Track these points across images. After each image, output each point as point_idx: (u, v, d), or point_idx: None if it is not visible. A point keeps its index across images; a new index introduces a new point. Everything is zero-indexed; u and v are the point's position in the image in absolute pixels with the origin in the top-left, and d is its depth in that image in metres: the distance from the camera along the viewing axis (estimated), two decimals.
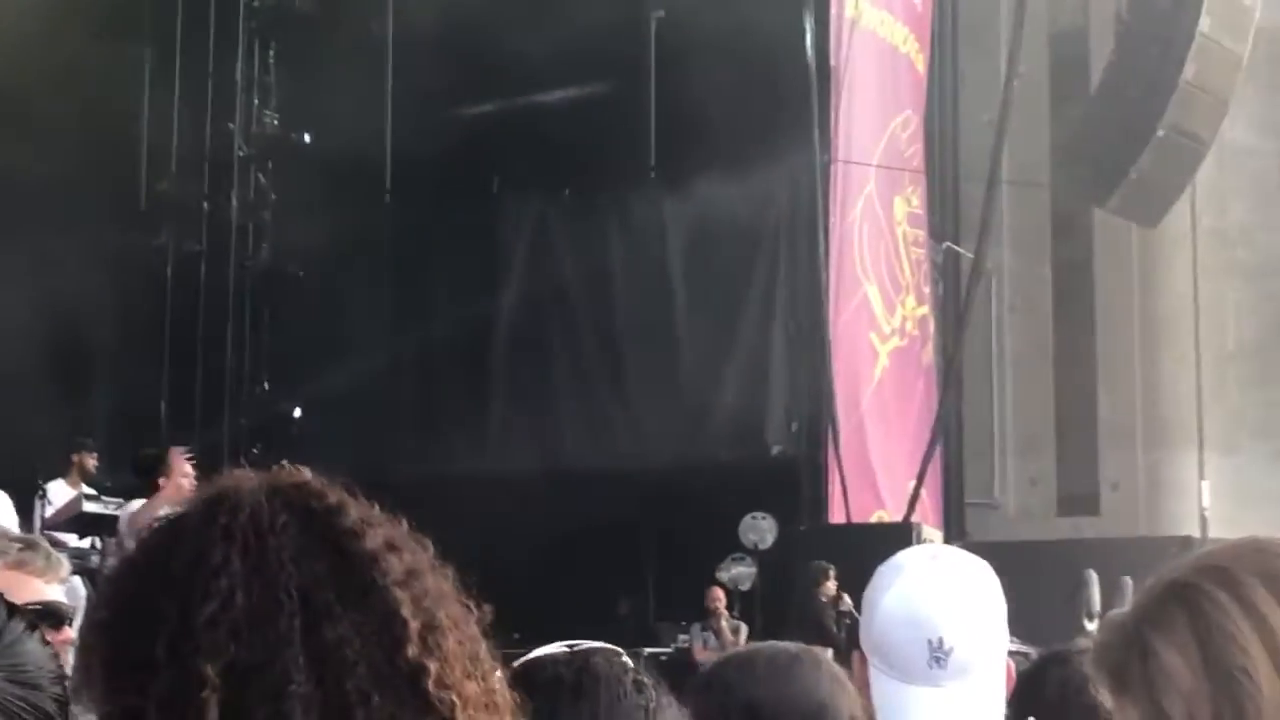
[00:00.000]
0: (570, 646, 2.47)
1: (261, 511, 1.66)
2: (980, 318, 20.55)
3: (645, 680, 2.42)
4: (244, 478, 1.72)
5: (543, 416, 18.38)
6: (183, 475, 11.86)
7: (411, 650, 1.64)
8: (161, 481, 12.15)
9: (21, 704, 1.71)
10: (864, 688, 2.85)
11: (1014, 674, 2.93)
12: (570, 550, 15.89)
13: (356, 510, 1.70)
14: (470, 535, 4.37)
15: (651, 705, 2.39)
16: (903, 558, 2.92)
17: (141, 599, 1.63)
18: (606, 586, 17.23)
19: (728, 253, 18.20)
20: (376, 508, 1.73)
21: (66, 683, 1.74)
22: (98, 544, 12.57)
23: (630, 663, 2.47)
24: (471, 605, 1.74)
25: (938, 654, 2.76)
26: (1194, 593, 1.50)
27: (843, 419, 17.77)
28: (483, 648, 1.72)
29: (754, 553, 17.16)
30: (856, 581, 15.51)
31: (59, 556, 3.24)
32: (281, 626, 1.60)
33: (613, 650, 2.49)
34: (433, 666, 1.65)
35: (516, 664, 2.25)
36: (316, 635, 1.61)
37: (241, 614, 1.60)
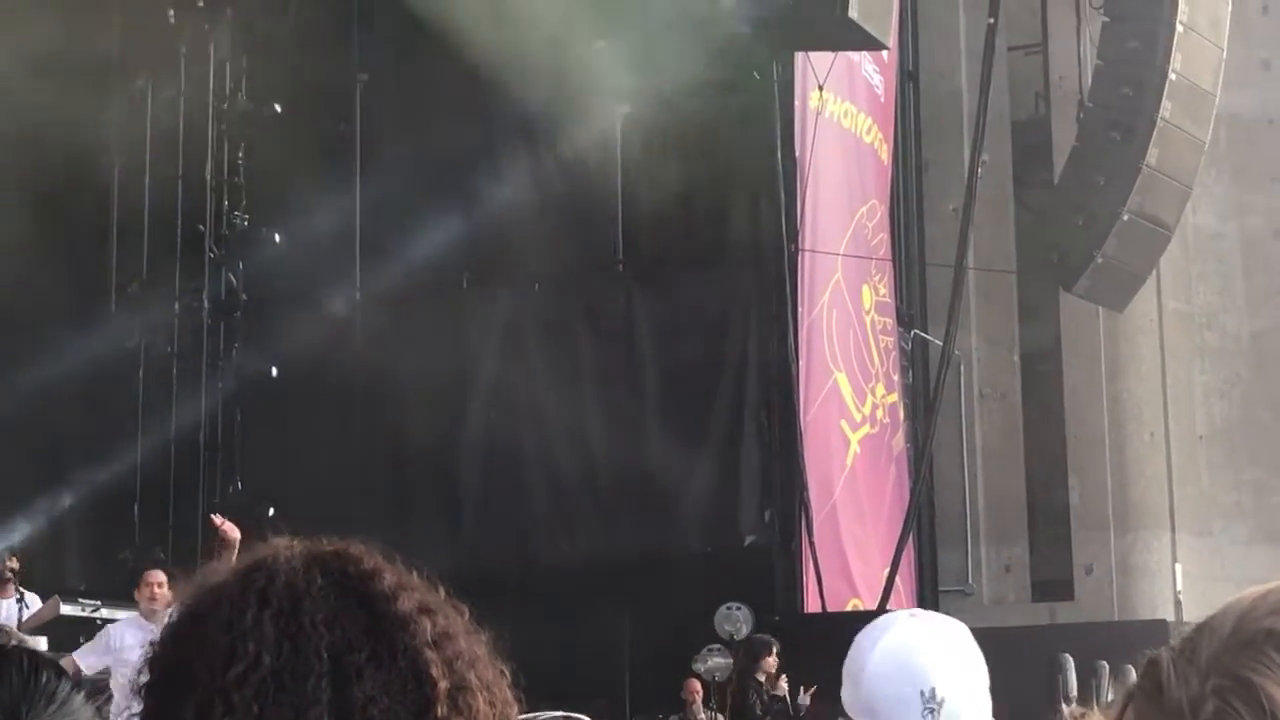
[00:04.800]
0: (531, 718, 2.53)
1: (297, 577, 1.71)
2: (950, 404, 20.60)
3: None
4: (283, 545, 1.77)
5: (515, 511, 18.36)
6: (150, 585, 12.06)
7: (440, 710, 1.69)
8: (136, 593, 12.35)
9: None
10: None
11: None
12: (545, 646, 15.84)
13: (392, 575, 1.75)
14: None
15: None
16: (883, 619, 2.95)
17: (177, 662, 1.68)
18: (582, 681, 17.18)
19: (697, 343, 18.26)
20: (414, 574, 1.78)
21: None
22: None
23: None
24: (504, 670, 1.79)
25: (930, 704, 2.78)
26: None
27: (815, 507, 17.79)
28: (514, 710, 1.77)
29: (730, 644, 17.13)
30: (832, 669, 15.53)
31: (32, 641, 3.29)
32: (309, 687, 1.64)
33: (570, 717, 2.54)
34: None
35: None
36: (344, 696, 1.65)
37: (269, 675, 1.64)
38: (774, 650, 15.48)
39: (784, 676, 15.35)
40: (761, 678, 15.39)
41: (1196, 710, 1.50)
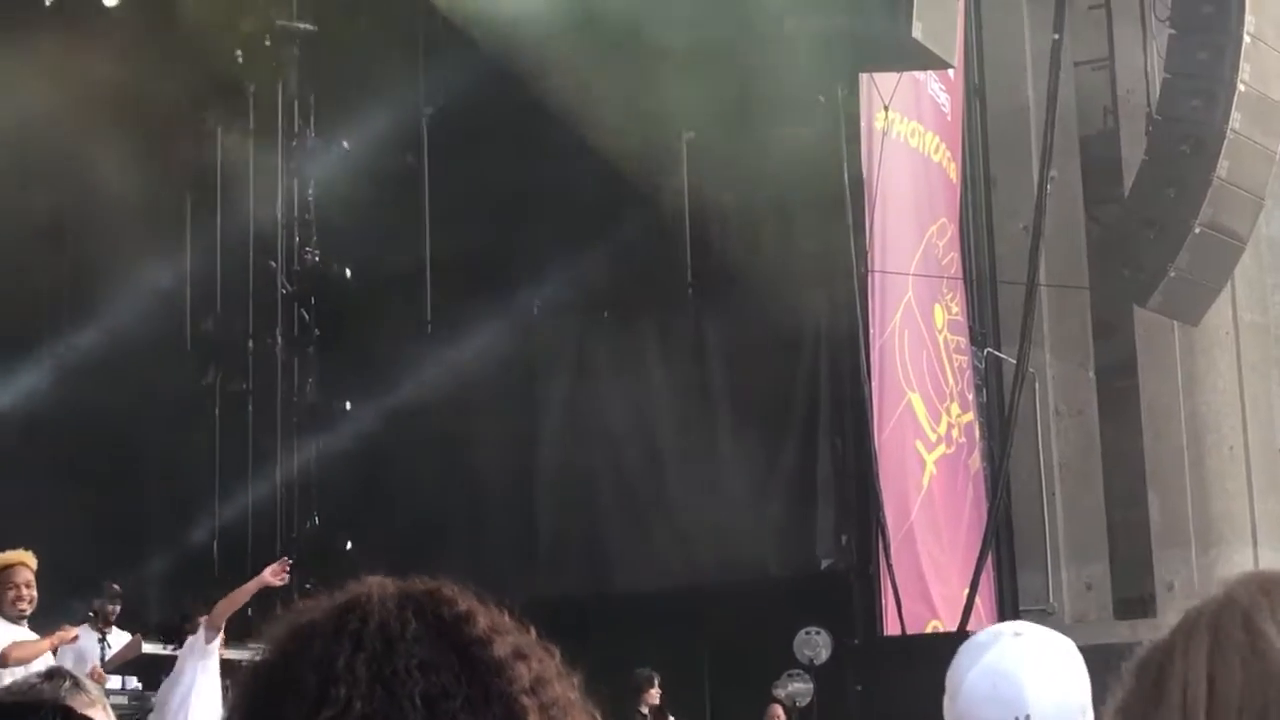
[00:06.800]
0: None
1: (391, 619, 1.68)
2: (1026, 422, 20.49)
3: None
4: (376, 584, 1.75)
5: (590, 539, 18.37)
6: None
7: None
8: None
9: None
10: None
11: None
12: (625, 672, 15.84)
13: (486, 618, 1.72)
14: None
15: None
16: (986, 635, 2.89)
17: (270, 704, 1.66)
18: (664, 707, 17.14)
19: (768, 368, 18.24)
20: (506, 615, 1.75)
21: None
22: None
23: None
24: (597, 714, 1.76)
25: None
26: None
27: (892, 529, 17.72)
28: None
29: (810, 668, 17.08)
30: (912, 692, 15.47)
31: (86, 681, 3.29)
32: None
33: None
34: None
35: None
36: None
37: None
38: (655, 682, 15.45)
39: (669, 717, 15.39)
40: (644, 710, 15.33)
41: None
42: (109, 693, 10.71)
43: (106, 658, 12.92)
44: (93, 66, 17.55)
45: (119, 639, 13.51)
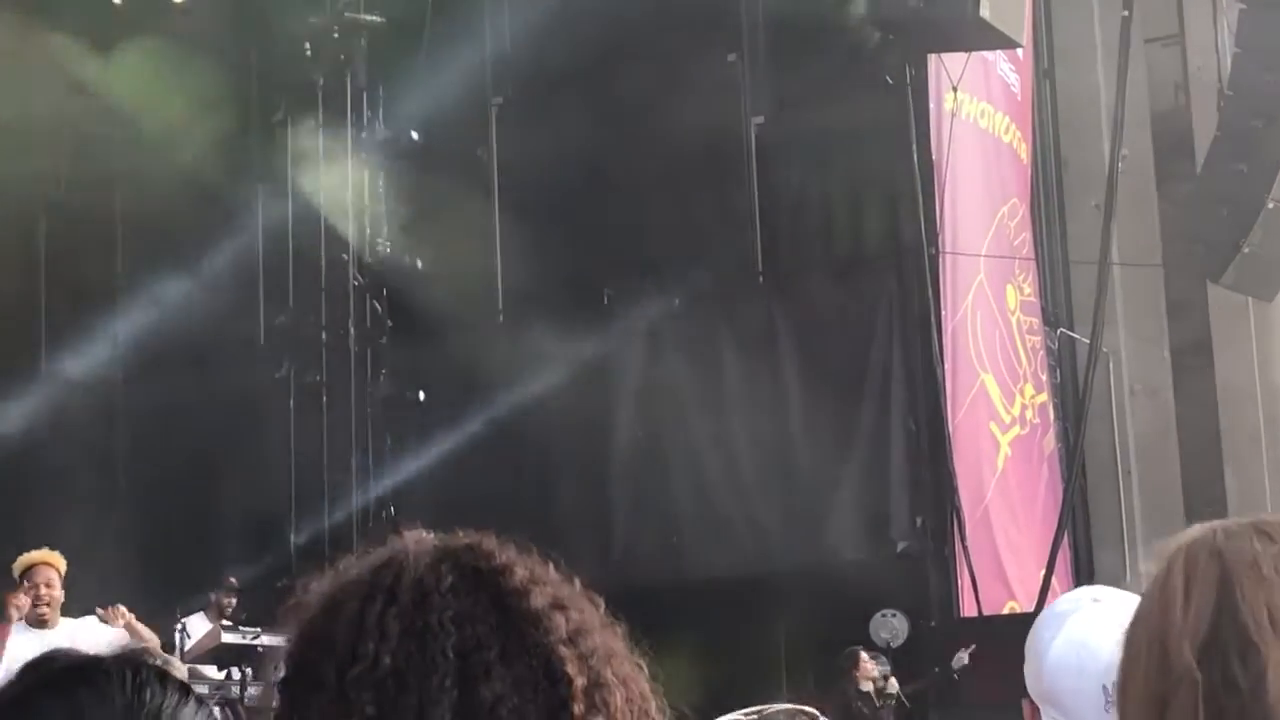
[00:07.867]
0: (758, 712, 2.52)
1: (426, 573, 1.69)
2: (1100, 402, 20.38)
3: None
4: (416, 539, 1.75)
5: (665, 526, 18.38)
6: None
7: (577, 708, 1.66)
8: None
9: None
10: None
11: None
12: (702, 657, 15.88)
13: (524, 570, 1.72)
14: None
15: None
16: (1065, 604, 2.87)
17: (307, 661, 1.68)
18: (739, 692, 17.15)
19: (840, 351, 18.20)
20: (550, 568, 1.75)
21: None
22: (234, 674, 12.72)
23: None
24: (643, 663, 1.75)
25: (1111, 698, 2.73)
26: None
27: (968, 511, 17.67)
28: (653, 705, 1.73)
29: (887, 651, 17.05)
30: (994, 672, 15.40)
31: (174, 660, 3.33)
32: (433, 685, 1.62)
33: (801, 710, 2.52)
34: None
35: None
36: (471, 695, 1.63)
37: (388, 675, 1.62)
38: (860, 659, 15.72)
39: (890, 679, 15.67)
40: (866, 688, 15.65)
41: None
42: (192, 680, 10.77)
43: (186, 648, 13.02)
44: (162, 62, 17.68)
45: (198, 629, 13.62)
